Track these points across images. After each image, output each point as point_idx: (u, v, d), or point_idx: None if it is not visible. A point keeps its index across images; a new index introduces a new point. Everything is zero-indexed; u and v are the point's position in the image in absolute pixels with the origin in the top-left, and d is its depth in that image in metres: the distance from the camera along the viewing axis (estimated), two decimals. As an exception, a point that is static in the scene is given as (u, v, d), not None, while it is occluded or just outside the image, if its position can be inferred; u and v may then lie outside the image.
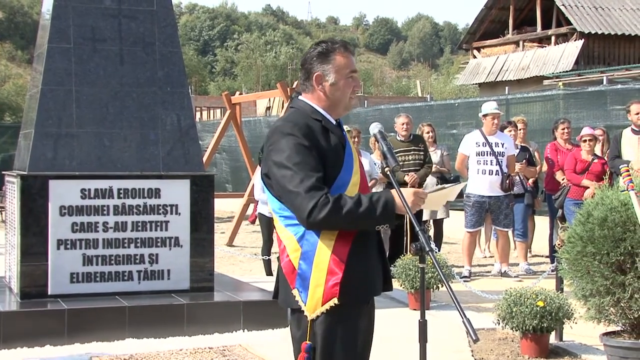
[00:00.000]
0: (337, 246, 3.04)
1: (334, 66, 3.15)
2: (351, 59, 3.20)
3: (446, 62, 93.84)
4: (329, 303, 3.02)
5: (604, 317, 5.52)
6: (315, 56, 3.17)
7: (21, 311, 6.42)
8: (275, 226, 3.19)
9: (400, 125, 9.93)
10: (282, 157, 3.02)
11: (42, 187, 6.68)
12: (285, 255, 3.11)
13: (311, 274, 3.04)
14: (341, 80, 3.16)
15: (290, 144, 3.02)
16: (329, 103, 3.18)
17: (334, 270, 3.02)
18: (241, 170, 19.37)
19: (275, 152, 3.05)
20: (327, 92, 3.16)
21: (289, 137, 3.04)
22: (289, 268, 3.10)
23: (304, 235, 3.05)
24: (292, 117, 3.15)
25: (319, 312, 3.04)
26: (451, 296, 2.87)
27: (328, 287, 3.02)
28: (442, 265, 7.28)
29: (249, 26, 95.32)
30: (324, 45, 3.19)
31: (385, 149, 3.16)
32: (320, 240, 3.04)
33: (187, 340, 6.42)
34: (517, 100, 14.63)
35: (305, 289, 3.05)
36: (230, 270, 10.19)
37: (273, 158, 3.06)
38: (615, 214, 5.36)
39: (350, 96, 3.20)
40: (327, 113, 3.18)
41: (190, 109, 7.44)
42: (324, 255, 3.03)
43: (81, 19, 7.12)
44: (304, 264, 3.05)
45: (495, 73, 28.98)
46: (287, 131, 3.06)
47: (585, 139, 9.55)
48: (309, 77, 3.18)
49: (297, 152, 3.01)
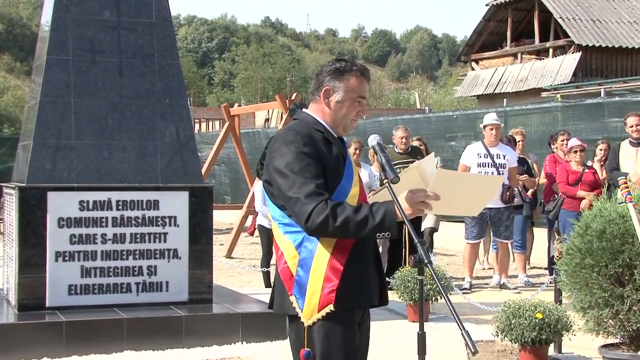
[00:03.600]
0: (334, 254, 3.08)
1: (345, 85, 3.19)
2: (364, 85, 3.23)
3: (444, 74, 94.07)
4: (325, 309, 3.06)
5: (603, 329, 5.52)
6: (331, 71, 3.21)
7: (19, 323, 6.40)
8: (274, 233, 3.22)
9: (399, 139, 9.97)
10: (283, 164, 3.07)
11: (40, 199, 6.68)
12: (283, 262, 3.15)
13: (308, 281, 3.08)
14: (347, 101, 3.20)
15: (292, 152, 3.07)
16: (332, 118, 3.22)
17: (330, 277, 3.06)
18: (240, 181, 19.36)
19: (277, 159, 3.10)
20: (331, 107, 3.21)
21: (291, 144, 3.09)
22: (287, 274, 3.14)
23: (303, 243, 3.10)
24: (295, 127, 3.20)
25: (315, 319, 3.07)
26: (450, 308, 2.87)
27: (324, 294, 3.06)
28: (441, 277, 7.27)
29: (248, 38, 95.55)
30: (343, 64, 3.22)
31: (384, 161, 3.16)
32: (319, 247, 3.08)
33: (186, 352, 6.40)
34: (515, 112, 14.65)
35: (302, 295, 3.09)
36: (229, 282, 10.17)
37: (275, 165, 3.10)
38: (614, 226, 5.37)
39: (353, 118, 3.24)
40: (329, 127, 3.22)
41: (189, 120, 7.45)
42: (321, 262, 3.07)
43: (80, 31, 7.14)
44: (302, 271, 3.10)
45: (493, 85, 29.04)
46: (289, 139, 3.11)
47: (575, 150, 9.60)
48: (319, 88, 3.23)
49: (299, 159, 3.05)
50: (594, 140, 11.31)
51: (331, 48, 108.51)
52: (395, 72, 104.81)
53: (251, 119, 33.57)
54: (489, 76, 29.61)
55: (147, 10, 7.32)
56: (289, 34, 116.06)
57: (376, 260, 3.26)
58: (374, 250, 3.25)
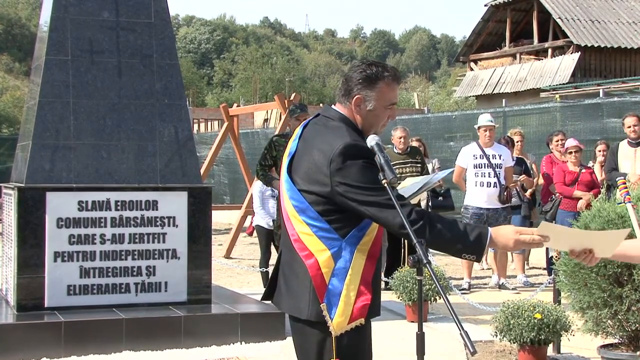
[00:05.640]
0: (367, 265, 3.09)
1: (377, 94, 3.13)
2: (395, 90, 3.18)
3: (443, 74, 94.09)
4: (356, 322, 3.07)
5: (602, 329, 5.52)
6: (362, 79, 3.12)
7: (18, 324, 6.40)
8: (303, 232, 3.10)
9: (397, 139, 9.97)
10: (362, 180, 3.01)
11: (39, 199, 6.68)
12: (317, 267, 3.06)
13: (342, 292, 3.06)
14: (380, 109, 3.15)
15: (364, 168, 3.03)
16: (363, 124, 3.18)
17: (364, 291, 3.07)
18: (239, 182, 19.36)
19: (352, 176, 3.02)
20: (362, 115, 3.16)
21: (360, 161, 3.03)
22: (320, 281, 3.07)
23: (340, 252, 3.06)
24: (355, 136, 3.10)
25: (343, 330, 3.06)
26: (449, 308, 2.87)
27: (357, 308, 3.06)
28: (440, 278, 7.27)
29: (247, 38, 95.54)
30: (374, 70, 3.13)
31: (383, 161, 3.15)
32: (355, 258, 3.06)
33: (185, 352, 6.41)
34: (514, 113, 14.66)
35: (335, 305, 3.06)
36: (228, 283, 10.18)
37: (348, 181, 3.01)
38: (613, 227, 5.38)
39: (383, 124, 3.20)
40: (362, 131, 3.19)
41: (187, 120, 7.44)
42: (355, 274, 3.06)
43: (79, 32, 7.14)
44: (336, 281, 3.06)
45: (492, 85, 29.06)
46: (358, 153, 3.04)
47: (570, 151, 9.63)
48: (349, 95, 3.15)
49: (369, 171, 3.02)
50: (593, 140, 11.33)
51: (330, 48, 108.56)
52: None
53: (250, 119, 33.57)
54: (487, 76, 29.64)
55: (145, 10, 7.32)
56: (287, 34, 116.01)
57: None
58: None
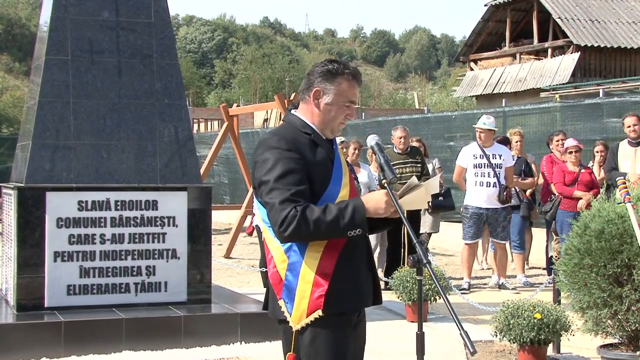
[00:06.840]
0: (323, 258, 3.06)
1: (335, 88, 3.17)
2: (355, 89, 3.21)
3: (443, 74, 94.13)
4: (314, 315, 3.04)
5: (602, 329, 5.52)
6: (323, 72, 3.19)
7: (18, 324, 6.40)
8: (264, 236, 3.20)
9: (397, 139, 9.98)
10: (264, 170, 3.06)
11: (39, 199, 6.68)
12: (273, 265, 3.14)
13: (297, 286, 3.06)
14: (337, 104, 3.18)
15: (274, 157, 3.06)
16: (320, 120, 3.20)
17: (319, 282, 3.04)
18: (239, 182, 19.36)
19: (260, 165, 3.10)
20: (320, 108, 3.19)
21: (274, 150, 3.07)
22: (276, 279, 3.13)
23: (292, 247, 3.08)
24: (281, 131, 3.20)
25: (303, 324, 3.06)
26: (449, 308, 2.87)
27: (313, 299, 3.04)
28: (440, 278, 7.28)
29: (247, 38, 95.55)
30: (336, 66, 3.20)
31: (383, 161, 3.16)
32: (307, 252, 3.06)
33: (184, 352, 6.40)
34: (514, 113, 14.66)
35: (291, 300, 3.08)
36: (228, 282, 10.17)
37: (257, 170, 3.11)
38: (612, 226, 5.37)
39: (341, 122, 3.22)
40: (318, 128, 3.20)
41: (187, 120, 7.44)
42: (310, 267, 3.06)
43: (79, 31, 7.14)
44: (291, 275, 3.08)
45: (492, 85, 29.06)
46: (272, 144, 3.10)
47: (570, 151, 9.63)
48: (309, 89, 3.21)
49: (280, 165, 3.04)
50: (593, 140, 11.32)
51: (330, 48, 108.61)
52: (394, 73, 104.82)
53: (250, 119, 33.59)
54: (487, 76, 29.63)
55: (145, 10, 7.32)
56: (287, 34, 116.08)
57: (368, 259, 3.23)
58: (366, 249, 3.23)
